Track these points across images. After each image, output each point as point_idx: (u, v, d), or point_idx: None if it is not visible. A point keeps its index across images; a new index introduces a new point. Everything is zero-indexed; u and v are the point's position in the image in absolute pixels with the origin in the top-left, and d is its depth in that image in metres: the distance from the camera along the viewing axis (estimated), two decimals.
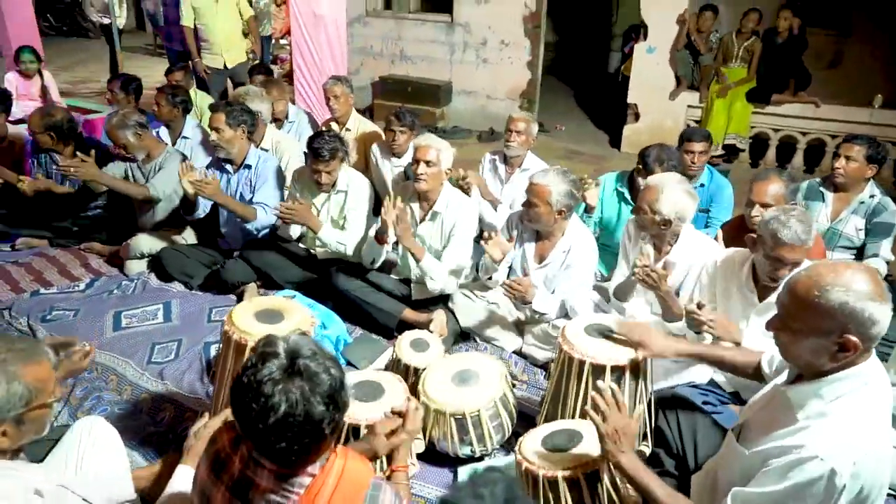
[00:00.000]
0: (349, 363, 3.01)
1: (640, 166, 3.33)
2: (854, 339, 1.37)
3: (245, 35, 6.49)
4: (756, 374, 2.01)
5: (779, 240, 2.21)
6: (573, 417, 2.25)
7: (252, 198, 3.64)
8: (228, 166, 3.70)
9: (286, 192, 3.67)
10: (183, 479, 1.73)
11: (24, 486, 1.51)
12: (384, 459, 1.98)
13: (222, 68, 6.22)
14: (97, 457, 1.93)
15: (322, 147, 3.26)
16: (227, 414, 1.87)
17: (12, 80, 5.68)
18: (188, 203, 3.68)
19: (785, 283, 1.51)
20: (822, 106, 6.07)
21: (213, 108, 3.66)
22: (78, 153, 3.67)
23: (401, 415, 1.76)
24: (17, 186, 3.83)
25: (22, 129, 4.51)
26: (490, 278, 3.18)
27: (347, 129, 4.53)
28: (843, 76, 6.75)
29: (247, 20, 6.34)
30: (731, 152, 6.45)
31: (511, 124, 3.85)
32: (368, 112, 7.63)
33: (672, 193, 2.68)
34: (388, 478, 1.69)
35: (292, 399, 1.23)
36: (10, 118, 4.60)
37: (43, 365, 1.56)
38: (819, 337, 1.41)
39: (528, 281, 2.89)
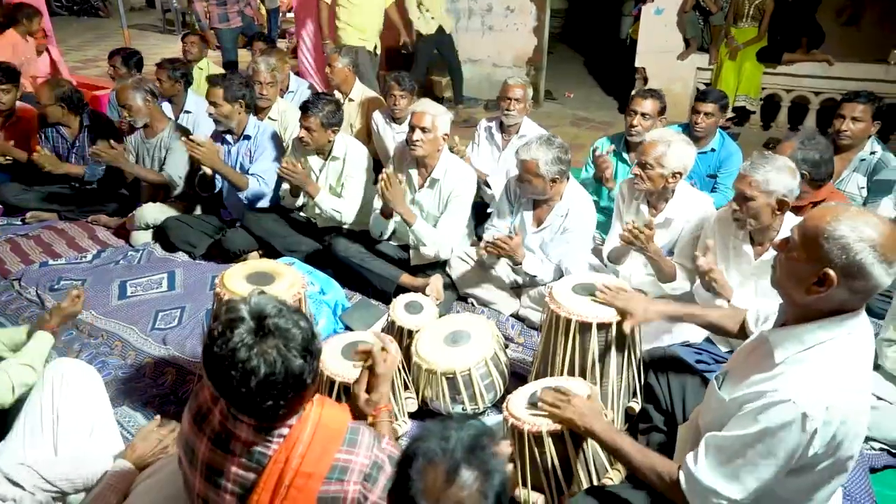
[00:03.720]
0: (347, 327, 3.05)
1: (628, 107, 3.47)
2: (833, 274, 1.32)
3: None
4: (742, 333, 2.01)
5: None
6: (561, 374, 2.27)
7: (249, 168, 3.68)
8: (229, 137, 3.74)
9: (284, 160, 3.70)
10: (116, 467, 1.77)
11: None
12: None
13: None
14: (75, 412, 1.92)
15: (306, 103, 3.30)
16: (175, 426, 1.91)
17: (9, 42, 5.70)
18: (205, 181, 3.73)
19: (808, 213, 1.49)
20: (836, 64, 5.91)
21: (212, 83, 3.62)
22: (111, 141, 3.75)
23: (369, 355, 1.76)
24: (33, 159, 3.90)
25: (30, 105, 4.57)
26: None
27: (350, 100, 4.53)
28: (858, 33, 6.56)
29: (388, 6, 5.79)
30: (741, 115, 6.33)
31: (508, 92, 3.80)
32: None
33: (677, 145, 2.70)
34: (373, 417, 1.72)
35: (270, 359, 1.24)
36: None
37: None
38: (807, 263, 1.37)
39: (516, 240, 2.90)
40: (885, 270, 1.31)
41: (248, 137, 3.70)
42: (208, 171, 3.62)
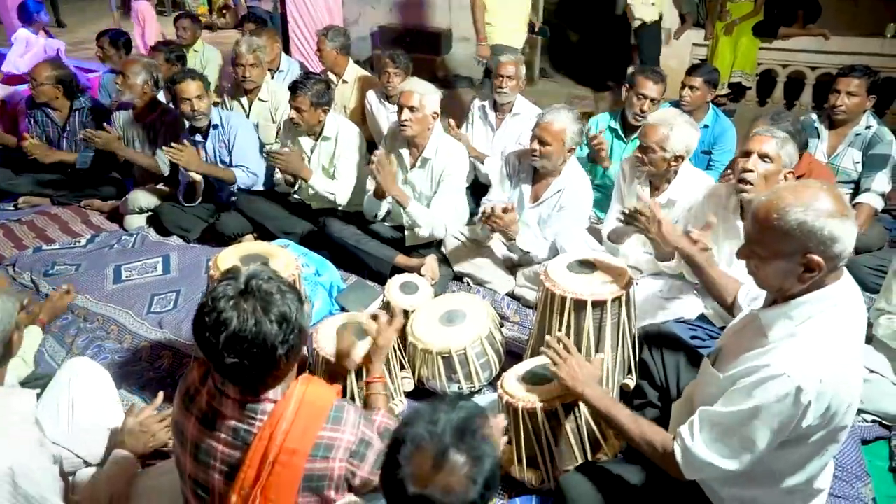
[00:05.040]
0: (343, 309, 3.05)
1: (626, 84, 3.48)
2: (817, 258, 1.36)
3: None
4: (730, 308, 2.02)
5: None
6: None
7: (230, 159, 3.64)
8: (198, 134, 3.66)
9: (277, 143, 3.68)
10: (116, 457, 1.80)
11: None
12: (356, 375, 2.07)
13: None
14: (89, 401, 1.98)
15: (295, 83, 3.29)
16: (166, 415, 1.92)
17: (23, 37, 5.63)
18: (190, 191, 3.69)
19: (750, 209, 1.50)
20: (832, 38, 5.85)
21: (191, 76, 3.46)
22: (105, 125, 3.74)
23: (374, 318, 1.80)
24: (22, 147, 3.88)
25: (17, 88, 4.52)
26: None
27: (344, 81, 4.49)
28: (854, 7, 6.48)
29: None
30: (737, 90, 6.29)
31: (501, 69, 3.76)
32: (368, 64, 7.50)
33: (680, 128, 2.65)
34: (368, 385, 1.76)
35: (244, 316, 1.27)
36: (18, 73, 4.65)
37: None
38: (783, 259, 1.40)
39: (512, 216, 2.89)
40: (847, 225, 1.36)
41: (216, 127, 3.64)
42: (197, 177, 3.57)
